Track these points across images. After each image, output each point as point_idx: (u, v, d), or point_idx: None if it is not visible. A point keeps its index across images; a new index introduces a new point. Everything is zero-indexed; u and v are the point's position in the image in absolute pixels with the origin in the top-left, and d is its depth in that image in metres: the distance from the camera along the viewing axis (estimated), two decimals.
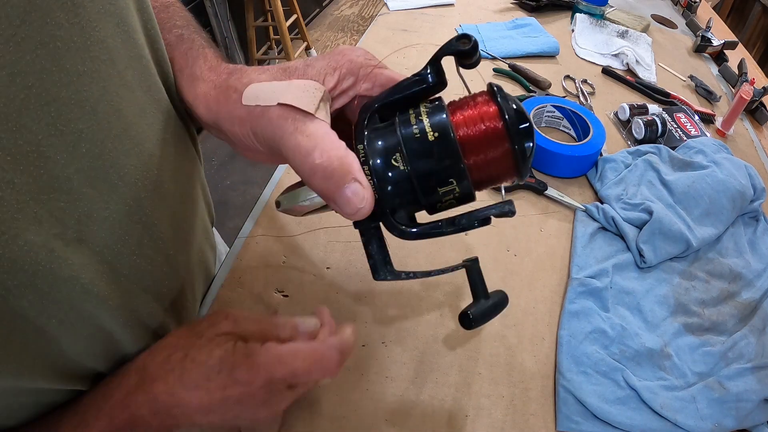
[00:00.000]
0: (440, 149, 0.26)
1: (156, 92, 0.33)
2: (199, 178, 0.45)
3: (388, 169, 0.26)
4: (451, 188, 0.27)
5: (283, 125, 0.27)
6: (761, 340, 0.47)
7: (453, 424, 0.41)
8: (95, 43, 0.26)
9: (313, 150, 0.26)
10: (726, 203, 0.57)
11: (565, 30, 1.01)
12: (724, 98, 0.86)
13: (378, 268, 0.30)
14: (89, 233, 0.26)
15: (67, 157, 0.24)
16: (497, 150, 0.26)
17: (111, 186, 0.28)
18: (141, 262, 0.31)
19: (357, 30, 3.12)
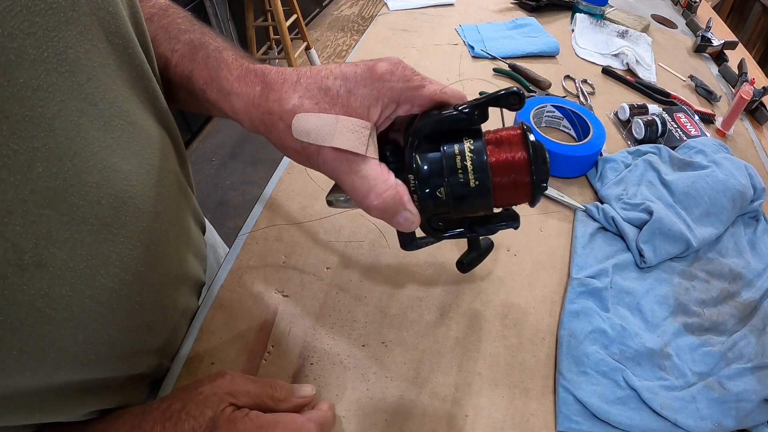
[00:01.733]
0: (477, 194, 0.31)
1: (125, 101, 0.31)
2: (181, 187, 0.43)
3: (433, 200, 0.32)
4: (478, 215, 0.34)
5: (339, 167, 0.30)
6: (761, 340, 0.47)
7: (453, 424, 0.41)
8: (53, 55, 0.24)
9: (369, 192, 0.30)
10: (726, 203, 0.57)
11: (565, 30, 1.01)
12: (724, 98, 0.86)
13: (407, 243, 0.38)
14: (49, 256, 0.25)
15: (21, 178, 0.23)
16: (521, 191, 0.32)
17: (71, 205, 0.26)
18: (107, 282, 0.30)
19: (357, 30, 3.11)
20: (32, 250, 0.24)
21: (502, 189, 0.31)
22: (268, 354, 0.44)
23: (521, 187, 0.31)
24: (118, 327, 0.32)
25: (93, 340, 0.30)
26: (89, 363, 0.31)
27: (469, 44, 0.91)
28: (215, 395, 0.33)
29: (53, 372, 0.28)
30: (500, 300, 0.50)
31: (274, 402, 0.36)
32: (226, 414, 0.33)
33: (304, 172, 0.62)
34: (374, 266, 0.52)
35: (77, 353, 0.29)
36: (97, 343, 0.31)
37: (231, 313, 0.47)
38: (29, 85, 0.23)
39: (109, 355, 0.33)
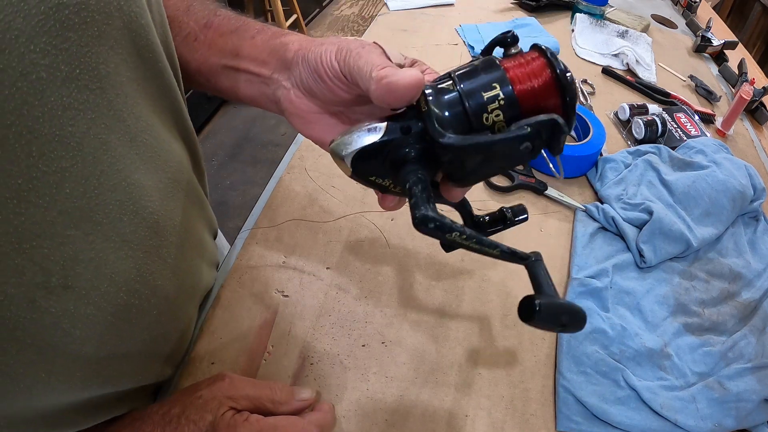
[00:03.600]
0: (483, 65, 0.29)
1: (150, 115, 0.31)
2: (198, 196, 0.43)
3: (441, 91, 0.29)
4: (494, 93, 0.28)
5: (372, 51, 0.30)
6: (761, 340, 0.47)
7: (453, 424, 0.41)
8: (85, 72, 0.24)
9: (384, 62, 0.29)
10: (726, 203, 0.57)
11: (565, 30, 1.01)
12: (724, 98, 0.86)
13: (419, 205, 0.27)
14: (75, 277, 0.25)
15: (50, 200, 0.23)
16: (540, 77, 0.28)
17: (95, 224, 0.26)
18: (128, 298, 0.30)
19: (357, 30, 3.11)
20: (59, 272, 0.24)
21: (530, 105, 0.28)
22: (268, 354, 0.44)
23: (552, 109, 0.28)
24: (136, 340, 0.33)
25: (114, 355, 0.30)
26: (111, 378, 0.31)
27: (469, 44, 0.91)
28: (214, 399, 0.33)
29: (81, 390, 0.29)
30: (500, 300, 0.50)
31: (273, 405, 0.36)
32: (226, 418, 0.33)
33: (304, 171, 0.62)
34: (374, 266, 0.52)
35: (100, 369, 0.30)
36: (117, 357, 0.31)
37: (231, 313, 0.47)
38: (60, 104, 0.22)
39: (127, 367, 0.33)
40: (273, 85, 0.35)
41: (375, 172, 0.32)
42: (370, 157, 0.30)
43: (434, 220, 0.26)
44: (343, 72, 0.30)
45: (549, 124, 0.27)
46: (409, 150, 0.29)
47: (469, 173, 0.30)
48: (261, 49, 0.36)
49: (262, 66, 0.36)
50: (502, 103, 0.28)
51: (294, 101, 0.34)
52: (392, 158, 0.30)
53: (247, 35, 0.37)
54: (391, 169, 0.30)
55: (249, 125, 2.25)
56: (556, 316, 0.27)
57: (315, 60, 0.31)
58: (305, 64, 0.32)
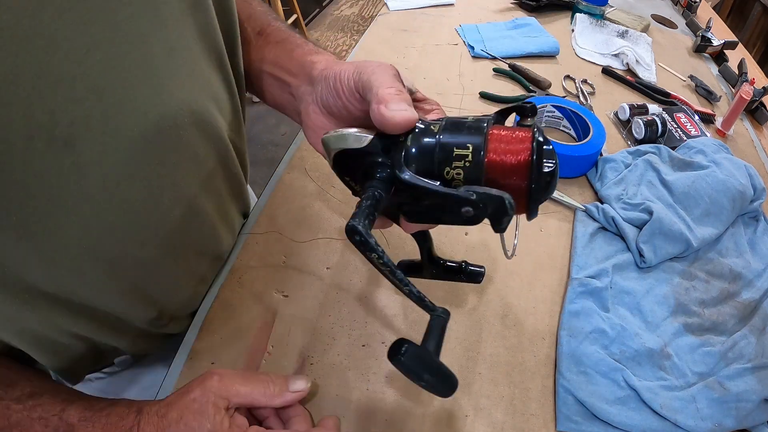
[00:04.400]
0: (471, 124, 0.30)
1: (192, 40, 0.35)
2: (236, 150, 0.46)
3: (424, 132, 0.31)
4: (465, 153, 0.29)
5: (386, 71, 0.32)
6: (761, 340, 0.47)
7: (453, 424, 0.41)
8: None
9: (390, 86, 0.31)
10: (726, 203, 0.57)
11: (565, 30, 1.01)
12: (724, 98, 0.86)
13: (357, 216, 0.28)
14: (79, 140, 0.27)
15: (78, 58, 0.26)
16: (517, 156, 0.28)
17: (117, 102, 0.29)
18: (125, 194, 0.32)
19: (357, 30, 3.11)
20: (65, 128, 0.26)
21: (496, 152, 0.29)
22: (268, 354, 0.44)
23: (515, 192, 0.29)
24: (120, 247, 0.34)
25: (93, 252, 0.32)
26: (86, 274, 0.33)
27: (469, 44, 0.91)
28: (208, 402, 0.34)
29: (49, 264, 0.30)
30: (500, 300, 0.50)
31: (267, 398, 0.36)
32: (225, 427, 0.33)
33: (304, 172, 0.62)
34: None
35: (77, 259, 0.31)
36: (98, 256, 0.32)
37: (231, 313, 0.47)
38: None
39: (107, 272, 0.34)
40: (299, 98, 0.39)
41: (350, 174, 0.34)
42: (350, 160, 0.33)
43: (360, 235, 0.27)
44: (357, 88, 0.33)
45: (496, 200, 0.27)
46: (381, 169, 0.31)
47: (415, 212, 0.31)
48: (296, 62, 0.40)
49: (293, 78, 0.40)
50: (467, 165, 0.29)
51: (312, 116, 0.37)
52: (366, 168, 0.32)
53: (288, 48, 0.42)
54: (362, 177, 0.32)
55: (249, 125, 2.25)
56: (418, 371, 0.28)
57: (334, 77, 0.34)
58: (326, 82, 0.35)
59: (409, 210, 0.32)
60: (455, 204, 0.28)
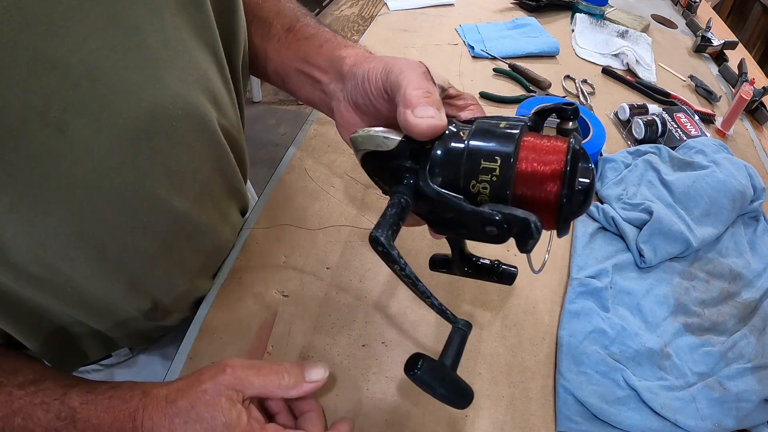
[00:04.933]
0: (502, 133, 0.28)
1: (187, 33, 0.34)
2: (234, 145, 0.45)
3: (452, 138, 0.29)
4: (492, 166, 0.27)
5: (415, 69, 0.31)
6: (761, 340, 0.47)
7: (453, 424, 0.41)
8: None
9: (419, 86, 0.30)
10: (726, 203, 0.57)
11: (565, 30, 1.01)
12: (724, 98, 0.86)
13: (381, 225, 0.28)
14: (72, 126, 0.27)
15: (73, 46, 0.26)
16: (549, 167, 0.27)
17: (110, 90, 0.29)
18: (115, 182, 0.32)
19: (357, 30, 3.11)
20: (59, 113, 0.26)
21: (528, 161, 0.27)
22: (268, 354, 0.44)
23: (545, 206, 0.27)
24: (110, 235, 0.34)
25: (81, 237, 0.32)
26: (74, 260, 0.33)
27: (469, 44, 0.91)
28: (220, 395, 0.32)
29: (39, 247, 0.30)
30: (500, 300, 0.50)
31: (282, 390, 0.35)
32: (242, 425, 0.32)
33: (304, 172, 0.62)
34: (374, 266, 0.52)
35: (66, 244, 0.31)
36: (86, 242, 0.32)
37: (231, 313, 0.47)
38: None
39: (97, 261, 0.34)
40: (330, 95, 0.38)
41: (378, 174, 0.33)
42: (377, 161, 0.32)
43: (383, 246, 0.27)
44: (385, 87, 0.32)
45: (521, 222, 0.25)
46: (408, 174, 0.30)
47: (441, 224, 0.31)
48: (324, 58, 0.39)
49: (323, 74, 0.39)
50: (494, 180, 0.27)
51: (344, 114, 0.36)
52: (393, 171, 0.31)
53: (317, 43, 0.41)
54: (390, 179, 0.31)
55: (249, 125, 2.25)
56: (434, 386, 0.28)
57: (362, 76, 0.33)
58: (354, 80, 0.34)
59: (433, 220, 0.31)
60: (479, 222, 0.27)
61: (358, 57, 0.36)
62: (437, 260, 0.38)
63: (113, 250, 0.35)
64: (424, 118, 0.28)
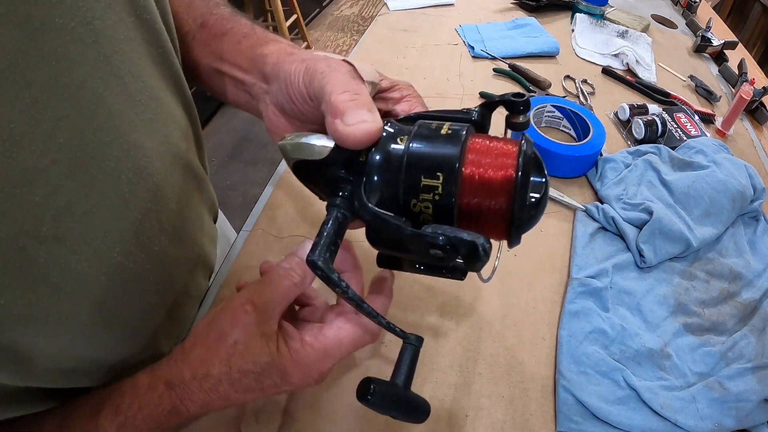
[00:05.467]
0: (444, 141, 0.25)
1: (149, 77, 0.31)
2: (197, 169, 0.42)
3: (388, 146, 0.26)
4: (434, 184, 0.25)
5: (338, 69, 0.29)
6: (761, 340, 0.47)
7: (453, 424, 0.41)
8: (80, 25, 0.24)
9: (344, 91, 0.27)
10: (726, 203, 0.57)
11: (565, 30, 1.01)
12: (724, 98, 0.86)
13: (317, 247, 0.26)
14: (66, 229, 0.25)
15: (43, 147, 0.23)
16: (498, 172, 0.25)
17: (91, 178, 0.26)
18: (122, 260, 0.30)
19: (357, 30, 3.11)
20: (51, 222, 0.24)
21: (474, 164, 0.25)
22: None
23: (495, 216, 0.25)
24: (133, 308, 0.32)
25: (110, 322, 0.30)
26: (105, 342, 0.31)
27: (469, 44, 0.91)
28: (253, 337, 0.29)
29: (70, 348, 0.28)
30: (500, 300, 0.50)
31: (298, 288, 0.31)
32: (285, 354, 0.29)
33: None
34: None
35: (94, 332, 0.29)
36: (113, 323, 0.30)
37: None
38: (54, 54, 0.23)
39: (125, 338, 0.32)
40: (256, 97, 0.35)
41: (313, 182, 0.31)
42: (310, 170, 0.29)
43: (321, 270, 0.25)
44: (308, 94, 0.29)
45: (468, 245, 0.23)
46: (344, 184, 0.27)
47: (381, 244, 0.28)
48: (245, 56, 0.35)
49: (246, 74, 0.35)
50: (437, 199, 0.25)
51: (271, 118, 0.34)
52: (328, 181, 0.28)
53: (235, 40, 0.36)
54: (326, 188, 0.29)
55: (249, 125, 2.25)
56: (388, 409, 0.26)
57: (285, 80, 0.31)
58: (278, 83, 0.31)
59: (373, 239, 0.28)
60: (423, 245, 0.24)
61: (279, 54, 0.33)
62: (385, 257, 0.34)
63: (126, 314, 0.33)
64: (356, 124, 0.26)
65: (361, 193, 0.26)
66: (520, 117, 0.28)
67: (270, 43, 0.35)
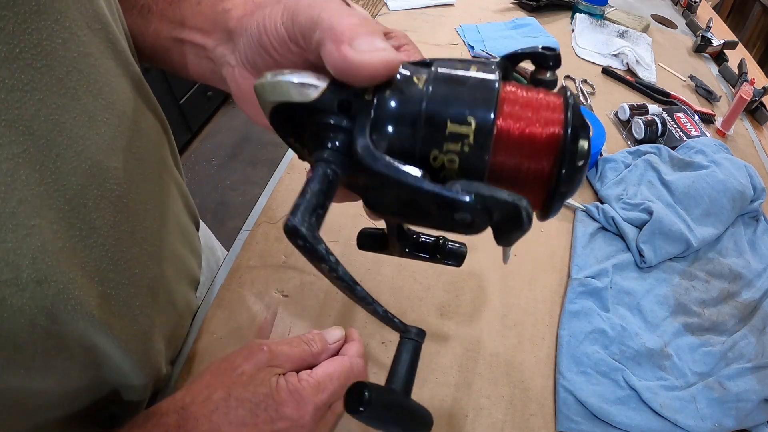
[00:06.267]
0: (475, 81, 0.20)
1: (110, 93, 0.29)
2: (172, 179, 0.40)
3: (403, 87, 0.21)
4: (465, 131, 0.20)
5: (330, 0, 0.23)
6: (761, 340, 0.47)
7: (453, 424, 0.41)
8: (27, 49, 0.22)
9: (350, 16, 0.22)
10: (726, 203, 0.57)
11: (565, 30, 1.01)
12: (724, 98, 0.86)
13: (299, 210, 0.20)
14: (47, 270, 0.23)
15: (6, 189, 0.21)
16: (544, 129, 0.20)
17: (57, 212, 0.24)
18: (105, 288, 0.28)
19: None
20: (30, 266, 0.22)
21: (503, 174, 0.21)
22: None
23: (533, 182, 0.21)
24: (125, 333, 0.31)
25: (101, 350, 0.29)
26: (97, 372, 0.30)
27: (469, 44, 0.91)
28: (260, 371, 0.32)
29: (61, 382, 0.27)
30: (500, 300, 0.50)
31: (314, 357, 0.36)
32: (282, 385, 0.32)
33: (305, 172, 0.62)
34: (374, 266, 0.52)
35: (85, 366, 0.29)
36: (102, 353, 0.29)
37: (231, 313, 0.47)
38: (3, 86, 0.20)
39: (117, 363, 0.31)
40: (219, 61, 0.30)
41: (293, 135, 0.25)
42: (292, 116, 0.24)
43: (304, 239, 0.20)
44: (290, 36, 0.24)
45: (509, 207, 0.19)
46: (337, 134, 0.22)
47: (385, 206, 0.23)
48: (205, 17, 0.31)
49: (206, 37, 0.31)
50: (466, 151, 0.20)
51: (240, 82, 0.29)
52: (315, 131, 0.23)
53: (194, 1, 0.32)
54: (311, 140, 0.23)
55: (249, 125, 2.25)
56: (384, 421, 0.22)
57: (257, 29, 0.26)
58: (247, 36, 0.27)
59: (375, 201, 0.23)
60: (446, 207, 0.19)
61: (247, 5, 0.28)
62: (367, 236, 0.30)
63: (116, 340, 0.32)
64: (372, 51, 0.20)
65: (366, 140, 0.20)
66: (548, 73, 0.23)
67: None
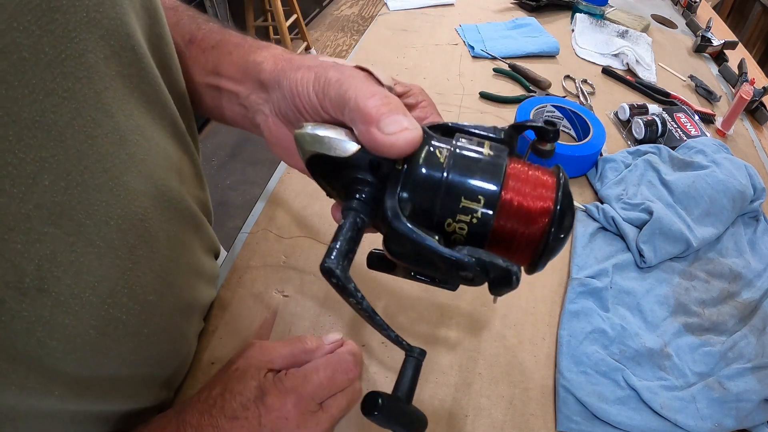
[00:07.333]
0: (486, 164, 0.25)
1: (141, 116, 0.29)
2: (196, 212, 0.39)
3: (428, 162, 0.25)
4: (474, 207, 0.24)
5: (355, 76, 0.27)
6: (761, 340, 0.47)
7: (453, 424, 0.41)
8: (71, 57, 0.22)
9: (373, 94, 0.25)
10: (726, 203, 0.57)
11: (565, 30, 1.01)
12: (724, 98, 0.86)
13: (333, 253, 0.25)
14: (52, 280, 0.23)
15: (26, 191, 0.21)
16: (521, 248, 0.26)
17: (76, 224, 0.24)
18: (114, 312, 0.28)
19: (357, 30, 3.11)
20: (34, 273, 0.22)
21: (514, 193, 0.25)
22: None
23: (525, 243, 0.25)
24: (124, 361, 0.30)
25: (98, 375, 0.28)
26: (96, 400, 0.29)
27: (469, 44, 0.91)
28: (251, 366, 0.34)
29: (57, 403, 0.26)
30: (500, 300, 0.50)
31: (307, 354, 0.37)
32: (270, 378, 0.34)
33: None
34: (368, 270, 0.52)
35: (82, 390, 0.27)
36: (103, 378, 0.29)
37: (231, 313, 0.47)
38: (42, 88, 0.21)
39: (115, 390, 0.31)
40: (252, 109, 0.33)
41: (326, 179, 0.29)
42: (328, 166, 0.27)
43: (337, 279, 0.24)
44: (322, 106, 0.27)
45: (503, 271, 0.24)
46: (365, 186, 0.26)
47: (401, 255, 0.26)
48: (237, 67, 0.33)
49: (238, 85, 0.33)
50: (474, 222, 0.24)
51: (273, 130, 0.31)
52: (346, 182, 0.27)
53: (225, 51, 0.35)
54: (342, 189, 0.28)
55: None
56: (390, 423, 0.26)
57: (291, 90, 0.29)
58: (281, 92, 0.29)
59: (395, 251, 0.26)
60: (453, 266, 0.24)
61: (277, 61, 0.31)
62: (377, 258, 0.33)
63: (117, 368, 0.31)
64: (397, 132, 0.24)
65: (395, 202, 0.25)
66: (548, 145, 0.28)
67: (263, 49, 0.33)
